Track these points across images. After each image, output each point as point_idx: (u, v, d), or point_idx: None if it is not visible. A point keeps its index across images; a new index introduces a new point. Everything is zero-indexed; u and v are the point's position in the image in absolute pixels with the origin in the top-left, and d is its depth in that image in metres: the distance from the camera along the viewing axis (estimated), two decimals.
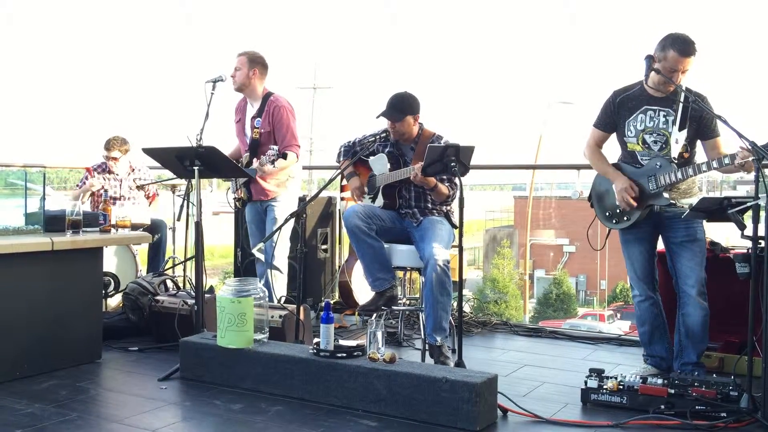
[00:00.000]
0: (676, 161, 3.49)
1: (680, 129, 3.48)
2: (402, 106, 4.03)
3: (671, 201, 3.49)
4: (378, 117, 4.05)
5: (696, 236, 3.55)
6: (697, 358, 3.56)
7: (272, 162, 4.30)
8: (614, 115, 3.66)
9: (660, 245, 3.73)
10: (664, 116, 3.53)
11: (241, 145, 4.82)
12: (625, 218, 3.62)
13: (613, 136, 3.75)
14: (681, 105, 3.47)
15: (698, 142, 3.60)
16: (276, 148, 4.37)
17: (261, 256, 4.71)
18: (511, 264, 28.18)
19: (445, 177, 3.97)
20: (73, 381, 3.61)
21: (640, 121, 3.58)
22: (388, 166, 4.14)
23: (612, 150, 3.80)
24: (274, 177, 4.60)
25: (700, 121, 3.50)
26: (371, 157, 4.26)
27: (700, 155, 3.62)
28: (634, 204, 3.54)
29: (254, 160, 4.55)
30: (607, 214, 3.72)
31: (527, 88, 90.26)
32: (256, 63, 4.66)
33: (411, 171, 3.89)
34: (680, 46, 3.40)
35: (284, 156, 4.47)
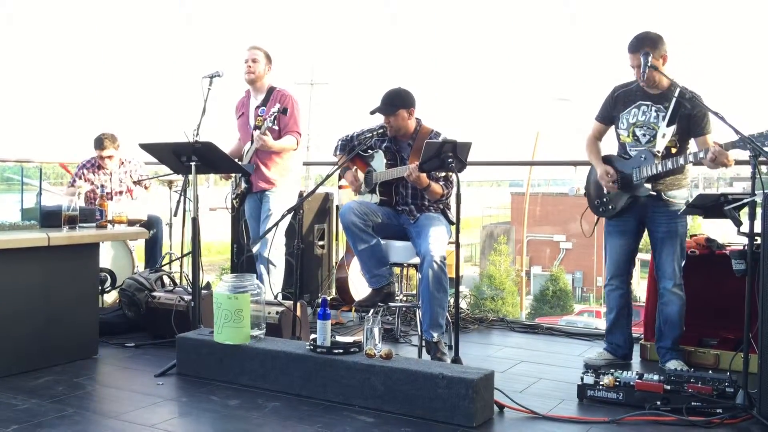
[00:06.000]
0: (660, 154, 3.63)
1: (668, 125, 3.62)
2: (394, 101, 4.03)
3: (651, 192, 3.64)
4: (372, 113, 4.05)
5: (677, 231, 3.71)
6: (672, 344, 3.76)
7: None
8: (612, 109, 3.85)
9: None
10: (656, 111, 3.68)
11: (244, 139, 4.83)
12: (610, 207, 3.82)
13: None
14: (673, 101, 3.60)
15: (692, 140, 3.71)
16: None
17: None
18: (507, 260, 28.17)
19: (441, 176, 3.96)
20: (70, 377, 3.61)
21: (632, 114, 3.75)
22: (386, 162, 4.14)
23: (609, 143, 3.93)
24: (273, 162, 4.67)
25: (689, 119, 3.62)
26: (370, 152, 4.25)
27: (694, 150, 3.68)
28: (614, 187, 3.73)
29: (256, 131, 4.57)
30: (596, 202, 3.93)
31: (525, 84, 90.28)
32: (270, 59, 4.79)
33: (406, 170, 3.89)
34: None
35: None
